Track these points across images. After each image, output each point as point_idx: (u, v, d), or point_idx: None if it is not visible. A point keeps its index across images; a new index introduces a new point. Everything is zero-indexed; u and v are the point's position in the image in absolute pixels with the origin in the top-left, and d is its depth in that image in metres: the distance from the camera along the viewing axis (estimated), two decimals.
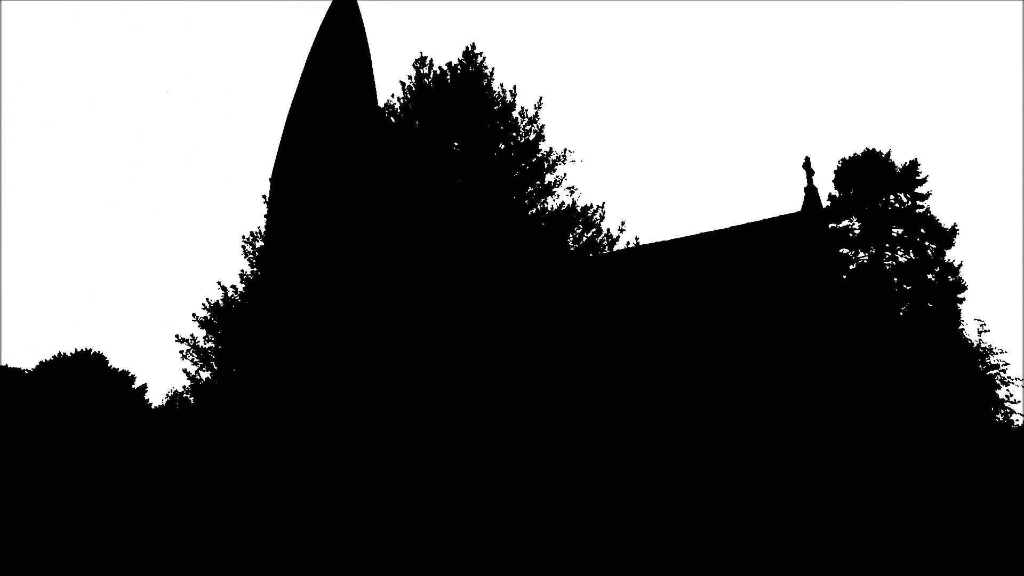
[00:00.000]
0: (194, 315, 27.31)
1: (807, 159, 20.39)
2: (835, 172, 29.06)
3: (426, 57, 22.51)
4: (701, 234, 20.71)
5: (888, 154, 28.33)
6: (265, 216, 30.56)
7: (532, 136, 20.86)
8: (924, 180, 27.87)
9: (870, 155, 28.68)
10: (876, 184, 28.21)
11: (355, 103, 31.15)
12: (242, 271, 30.70)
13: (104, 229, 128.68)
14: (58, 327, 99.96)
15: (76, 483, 40.83)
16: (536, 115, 21.03)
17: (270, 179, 31.99)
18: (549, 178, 20.53)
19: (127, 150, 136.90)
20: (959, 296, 26.90)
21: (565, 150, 20.69)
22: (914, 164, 27.94)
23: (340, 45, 31.60)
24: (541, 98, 21.18)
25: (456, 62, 22.03)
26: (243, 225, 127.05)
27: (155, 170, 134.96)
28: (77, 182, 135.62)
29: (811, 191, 21.57)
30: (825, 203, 29.17)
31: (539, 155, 20.68)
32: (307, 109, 31.71)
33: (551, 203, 20.47)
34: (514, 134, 20.84)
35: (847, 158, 28.87)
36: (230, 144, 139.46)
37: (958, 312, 26.93)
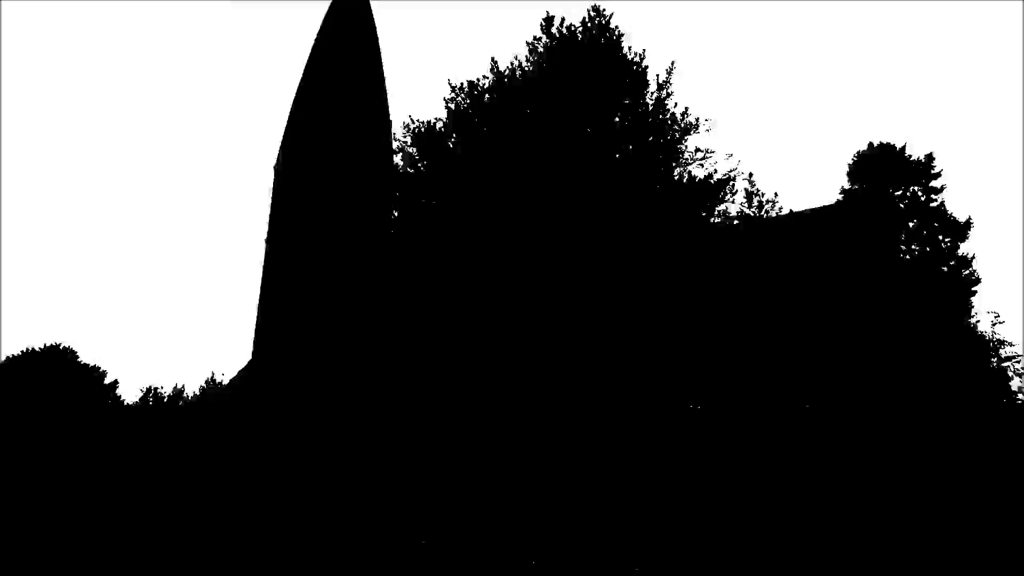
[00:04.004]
0: None
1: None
2: (849, 165, 29.06)
3: (552, 16, 21.28)
4: (765, 219, 20.97)
5: (903, 148, 28.43)
6: (270, 208, 29.35)
7: (664, 103, 20.11)
8: (939, 174, 28.04)
9: (885, 149, 28.74)
10: (891, 177, 28.32)
11: (362, 89, 30.04)
12: None
13: (75, 221, 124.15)
14: (26, 322, 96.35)
15: (43, 481, 39.01)
16: (668, 80, 20.24)
17: (275, 168, 30.81)
18: (682, 146, 19.88)
19: (100, 139, 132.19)
20: (972, 289, 27.17)
21: (698, 119, 20.07)
22: (930, 158, 28.08)
23: (344, 30, 30.37)
24: (673, 63, 20.31)
25: (581, 23, 20.82)
26: (225, 216, 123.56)
27: (133, 158, 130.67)
28: (45, 172, 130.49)
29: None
30: (838, 196, 29.31)
31: (673, 122, 19.96)
32: (313, 97, 30.50)
33: (694, 172, 19.90)
34: (645, 101, 20.06)
35: (862, 151, 28.89)
36: (205, 135, 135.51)
37: (971, 305, 27.22)
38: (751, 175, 20.68)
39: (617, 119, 19.99)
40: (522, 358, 18.79)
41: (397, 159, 21.76)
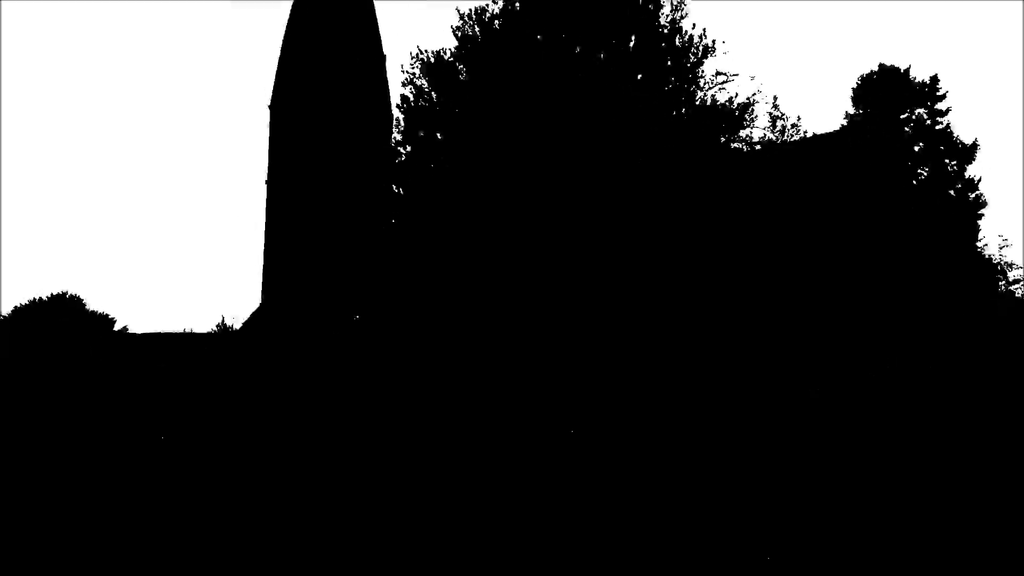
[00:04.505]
0: None
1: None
2: (853, 90, 28.76)
3: None
4: (773, 145, 20.90)
5: (907, 70, 28.11)
6: (269, 144, 29.19)
7: (679, 25, 19.67)
8: (944, 96, 27.78)
9: (888, 72, 28.41)
10: (895, 101, 28.06)
11: (350, 23, 29.58)
12: None
13: (72, 167, 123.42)
14: (28, 271, 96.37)
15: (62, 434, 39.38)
16: (682, 1, 19.78)
17: (269, 106, 30.53)
18: (700, 70, 19.52)
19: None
20: (979, 212, 27.18)
21: (713, 41, 19.68)
22: (934, 80, 27.80)
23: None
24: None
25: None
26: (223, 157, 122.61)
27: (132, 103, 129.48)
28: (46, 121, 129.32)
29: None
30: (842, 121, 29.06)
31: (690, 45, 19.57)
32: (301, 32, 30.05)
33: (711, 97, 19.59)
34: (660, 23, 19.61)
35: (865, 75, 28.56)
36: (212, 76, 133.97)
37: (977, 228, 27.24)
38: (775, 99, 20.40)
39: (632, 43, 19.65)
40: (540, 292, 18.84)
41: (406, 91, 21.36)
